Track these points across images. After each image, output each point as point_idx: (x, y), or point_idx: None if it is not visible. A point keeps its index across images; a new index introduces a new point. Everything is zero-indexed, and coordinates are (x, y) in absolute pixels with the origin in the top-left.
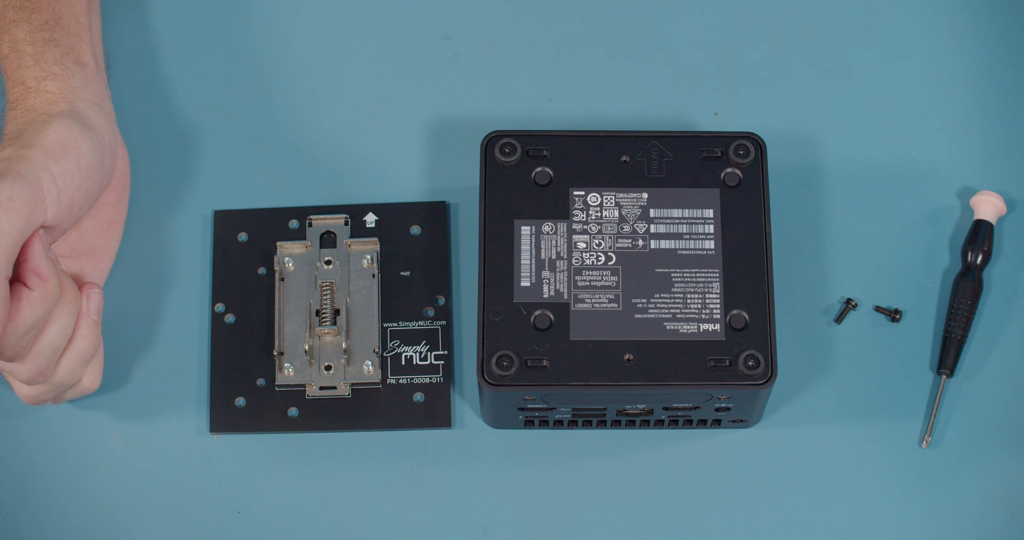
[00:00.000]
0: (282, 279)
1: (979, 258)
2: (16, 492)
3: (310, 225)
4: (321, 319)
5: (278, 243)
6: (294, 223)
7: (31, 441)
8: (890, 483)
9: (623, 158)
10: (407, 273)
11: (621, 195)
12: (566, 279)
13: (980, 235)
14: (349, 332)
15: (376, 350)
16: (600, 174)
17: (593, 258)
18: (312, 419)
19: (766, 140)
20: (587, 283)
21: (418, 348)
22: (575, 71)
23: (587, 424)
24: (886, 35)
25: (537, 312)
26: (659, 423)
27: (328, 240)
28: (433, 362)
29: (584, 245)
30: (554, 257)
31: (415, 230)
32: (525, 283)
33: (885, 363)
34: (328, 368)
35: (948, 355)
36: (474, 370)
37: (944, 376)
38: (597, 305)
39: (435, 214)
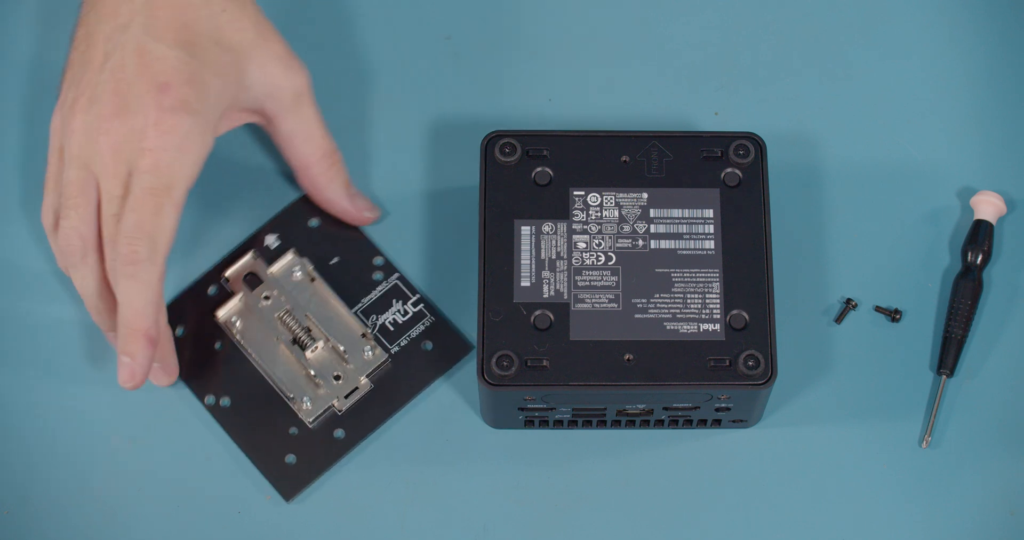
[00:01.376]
0: (243, 338)
1: (979, 258)
2: (16, 492)
3: (227, 282)
4: (302, 344)
5: (216, 314)
6: (212, 289)
7: (31, 441)
8: (890, 483)
9: (623, 158)
10: (335, 259)
11: (621, 195)
12: (566, 279)
13: (980, 235)
14: (332, 337)
15: (364, 334)
16: (600, 174)
17: (593, 258)
18: (359, 427)
19: (766, 140)
20: (587, 283)
21: (393, 308)
22: (575, 71)
23: (587, 424)
24: (886, 35)
25: (537, 312)
26: (659, 423)
27: (253, 280)
28: (413, 309)
29: (584, 245)
30: (554, 257)
31: (314, 222)
32: (525, 283)
33: (885, 363)
34: (337, 378)
35: (948, 355)
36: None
37: (944, 376)
38: (597, 305)
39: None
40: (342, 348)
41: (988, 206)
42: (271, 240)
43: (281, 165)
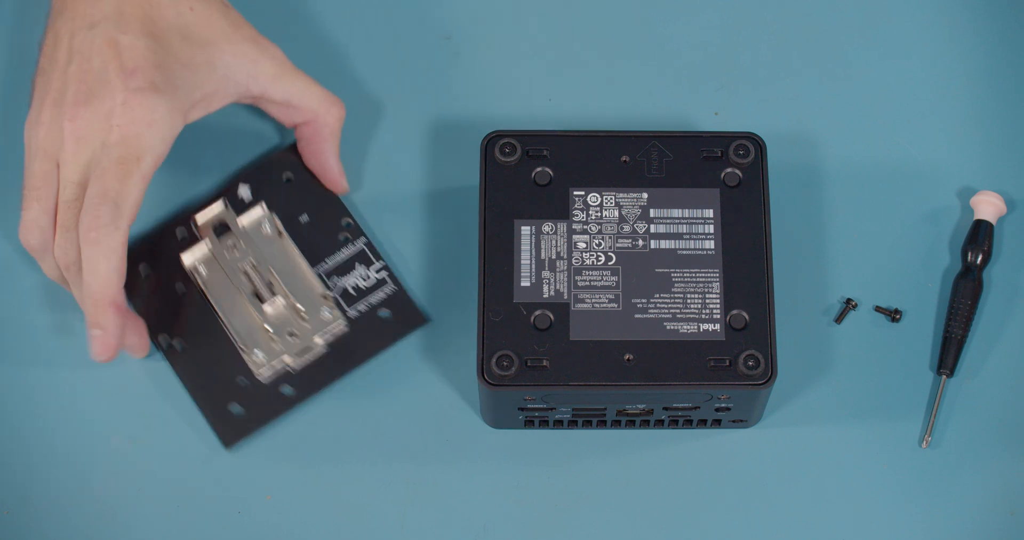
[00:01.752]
0: (205, 285)
1: (979, 258)
2: (16, 492)
3: (196, 227)
4: (262, 298)
5: (181, 255)
6: (181, 231)
7: (31, 441)
8: (890, 483)
9: (623, 158)
10: (304, 217)
11: (621, 195)
12: (566, 279)
13: (980, 235)
14: (292, 293)
15: (325, 295)
16: (600, 174)
17: (593, 258)
18: (307, 385)
19: (766, 140)
20: (587, 283)
21: (356, 272)
22: (575, 71)
23: (587, 424)
24: (886, 35)
25: (537, 312)
26: (659, 423)
27: (222, 228)
28: (376, 276)
29: (584, 245)
30: (554, 257)
31: (287, 176)
32: (525, 283)
33: (885, 363)
34: (292, 335)
35: (948, 355)
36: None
37: (944, 376)
38: (597, 305)
39: (295, 158)
40: (301, 307)
41: (988, 206)
42: (243, 191)
43: (255, 119)
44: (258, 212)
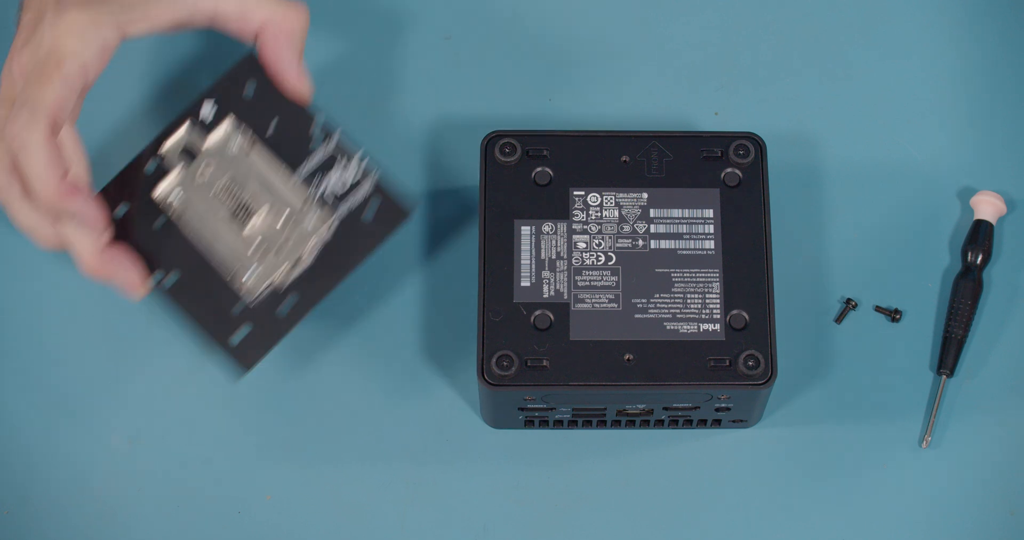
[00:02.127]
0: (181, 216)
1: (979, 258)
2: (16, 492)
3: (163, 160)
4: (242, 219)
5: (156, 188)
6: (150, 166)
7: (31, 441)
8: (890, 483)
9: (623, 158)
10: (272, 127)
11: (621, 195)
12: (566, 279)
13: (980, 235)
14: (272, 208)
15: (305, 203)
16: (600, 174)
17: (593, 258)
18: (307, 296)
19: (766, 140)
20: (587, 283)
21: (333, 176)
22: (575, 71)
23: (587, 424)
24: (886, 35)
25: (537, 312)
26: (659, 423)
27: (191, 152)
28: (352, 178)
29: (584, 245)
30: (554, 257)
31: (250, 89)
32: (525, 283)
33: (885, 363)
34: (279, 251)
35: (948, 355)
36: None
37: (944, 376)
38: (597, 305)
39: (253, 67)
40: (282, 220)
41: (988, 206)
42: (207, 109)
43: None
44: (226, 127)
